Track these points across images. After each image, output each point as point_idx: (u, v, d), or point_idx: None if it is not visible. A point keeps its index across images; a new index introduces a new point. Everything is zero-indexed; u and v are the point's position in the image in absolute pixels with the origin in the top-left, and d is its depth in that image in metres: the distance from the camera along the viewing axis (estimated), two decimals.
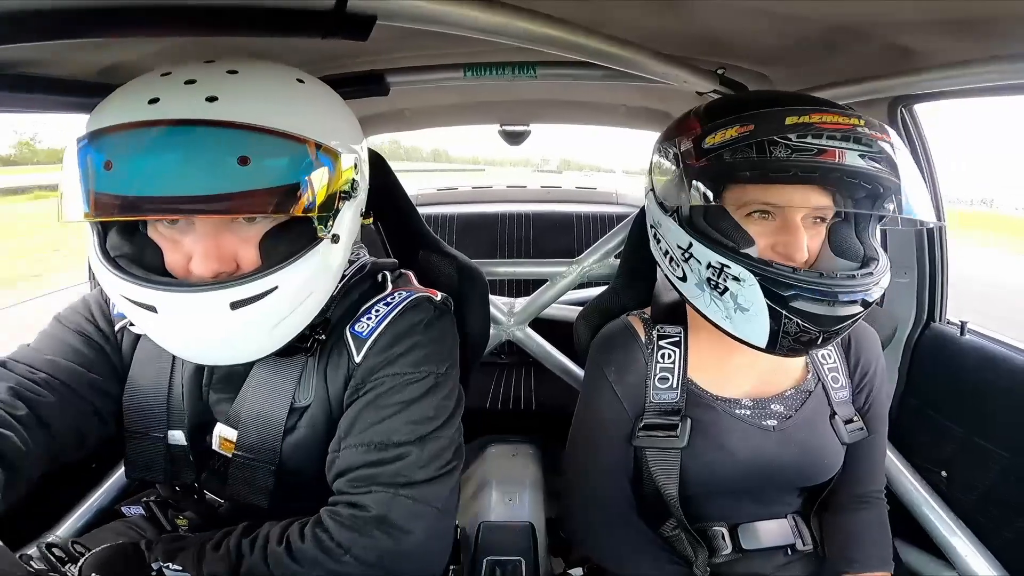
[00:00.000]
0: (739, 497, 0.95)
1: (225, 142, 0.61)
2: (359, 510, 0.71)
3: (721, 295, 0.79)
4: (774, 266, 0.75)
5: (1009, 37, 0.74)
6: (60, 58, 0.86)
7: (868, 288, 0.77)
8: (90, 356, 0.81)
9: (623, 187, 2.78)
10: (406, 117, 2.09)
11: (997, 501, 1.10)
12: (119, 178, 0.60)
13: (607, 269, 1.67)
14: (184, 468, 0.85)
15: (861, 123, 0.73)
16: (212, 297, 0.65)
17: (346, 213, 0.72)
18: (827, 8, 0.84)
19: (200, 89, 0.63)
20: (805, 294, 0.74)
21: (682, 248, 0.82)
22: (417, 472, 0.74)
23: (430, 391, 0.77)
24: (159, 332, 0.70)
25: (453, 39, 0.74)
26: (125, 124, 0.61)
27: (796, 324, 0.76)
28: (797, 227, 0.78)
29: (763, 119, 0.74)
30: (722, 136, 0.75)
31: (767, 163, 0.73)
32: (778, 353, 0.80)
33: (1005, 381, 1.09)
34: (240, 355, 0.74)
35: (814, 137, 0.72)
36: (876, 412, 0.99)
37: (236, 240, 0.69)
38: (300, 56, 1.15)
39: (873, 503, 1.00)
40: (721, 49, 1.12)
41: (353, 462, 0.74)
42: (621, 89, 1.69)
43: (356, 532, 0.70)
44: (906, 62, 0.92)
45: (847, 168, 0.72)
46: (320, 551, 0.69)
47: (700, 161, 0.77)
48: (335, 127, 0.72)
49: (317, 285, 0.73)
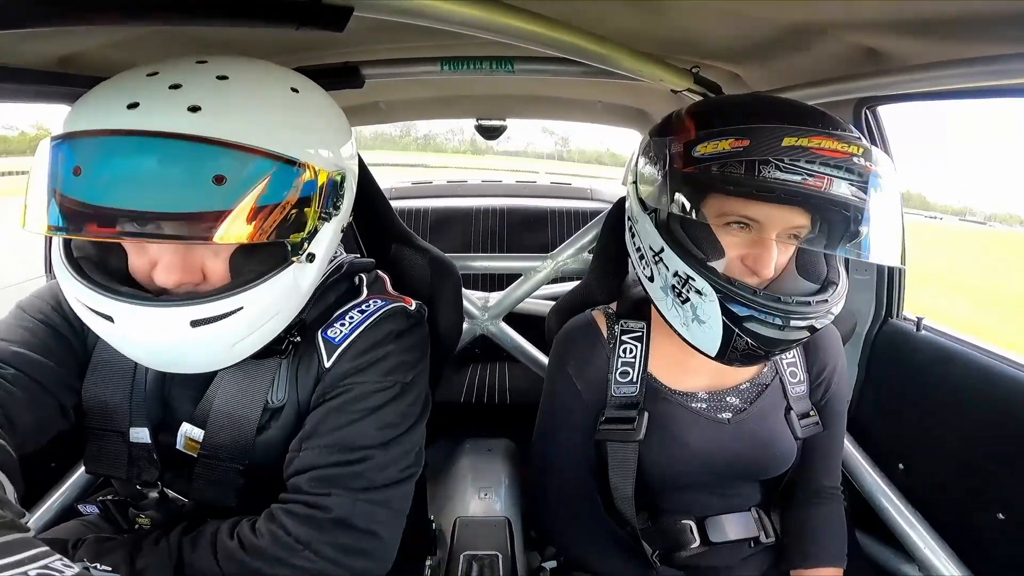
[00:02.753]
0: (700, 490, 0.97)
1: (201, 158, 0.58)
2: (318, 510, 0.71)
3: (683, 304, 0.81)
4: (736, 285, 0.77)
5: (972, 40, 0.76)
6: (16, 47, 0.82)
7: (820, 315, 0.79)
8: (57, 350, 0.78)
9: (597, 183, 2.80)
10: (381, 110, 2.06)
11: (953, 493, 1.13)
12: (87, 185, 0.58)
13: (581, 264, 1.69)
14: (147, 466, 0.82)
15: (859, 151, 0.72)
16: (172, 313, 0.63)
17: (326, 231, 0.70)
18: (794, 9, 0.86)
19: (184, 96, 0.60)
20: (760, 316, 0.77)
21: (654, 251, 0.83)
22: (378, 476, 0.74)
23: (396, 398, 0.77)
24: (114, 340, 0.68)
25: (430, 32, 0.74)
26: (97, 131, 0.58)
27: (746, 342, 0.79)
28: (770, 244, 0.79)
29: (760, 136, 0.72)
30: (714, 147, 0.74)
31: (753, 182, 0.72)
32: (726, 363, 0.83)
33: (959, 375, 1.14)
34: (193, 367, 0.72)
35: (807, 162, 0.70)
36: (833, 408, 1.02)
37: (205, 252, 0.66)
38: (274, 47, 1.12)
39: (829, 498, 1.03)
40: (695, 48, 1.14)
41: (315, 462, 0.73)
42: (598, 85, 1.70)
43: (314, 528, 0.70)
44: (872, 64, 0.95)
45: (831, 197, 0.71)
46: (278, 546, 0.69)
47: (687, 168, 0.77)
48: (326, 141, 0.70)
49: (284, 305, 0.71)
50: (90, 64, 0.93)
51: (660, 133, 0.85)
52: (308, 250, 0.69)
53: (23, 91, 0.89)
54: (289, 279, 0.68)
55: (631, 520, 0.94)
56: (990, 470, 1.06)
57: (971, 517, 1.09)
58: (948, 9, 0.73)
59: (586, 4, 0.88)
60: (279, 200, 0.62)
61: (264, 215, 0.61)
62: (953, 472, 1.14)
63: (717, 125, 0.76)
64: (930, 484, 1.19)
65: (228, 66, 0.65)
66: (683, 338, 0.85)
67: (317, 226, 0.68)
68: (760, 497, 1.02)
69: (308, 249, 0.69)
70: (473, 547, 1.22)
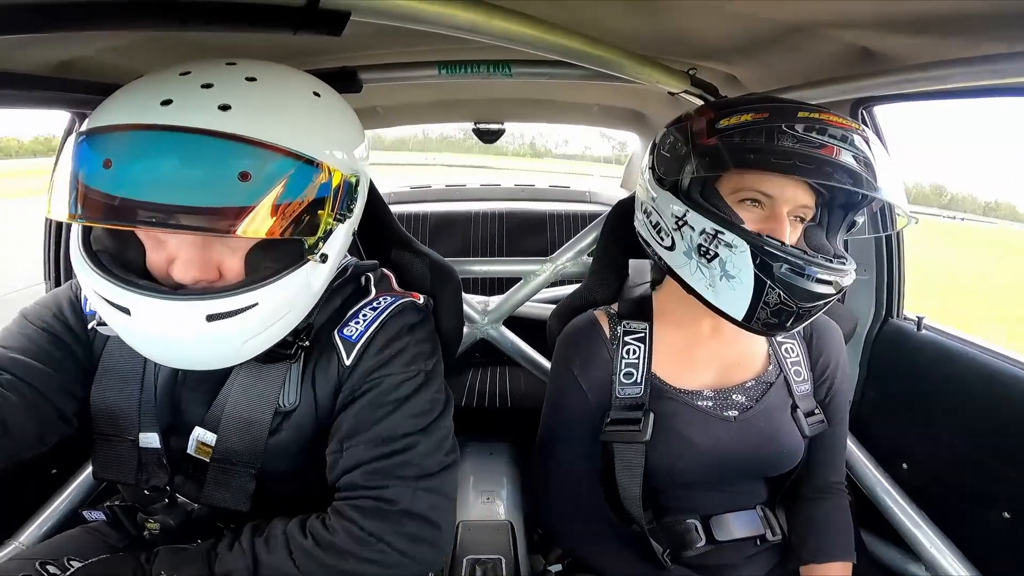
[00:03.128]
0: (706, 488, 0.97)
1: (229, 155, 0.60)
2: (385, 503, 0.73)
3: (709, 262, 0.82)
4: (765, 237, 0.80)
5: (968, 40, 0.77)
6: (15, 53, 0.82)
7: (841, 273, 0.82)
8: (58, 356, 0.79)
9: (596, 186, 2.81)
10: (379, 114, 2.07)
11: (957, 491, 1.13)
12: (115, 178, 0.59)
13: (580, 267, 1.69)
14: (156, 471, 0.83)
15: (860, 128, 0.80)
16: (189, 307, 0.64)
17: (339, 232, 0.72)
18: (790, 9, 0.86)
19: (215, 95, 0.62)
20: (790, 266, 0.79)
21: (677, 217, 0.85)
22: (428, 461, 0.76)
23: (422, 387, 0.79)
24: (129, 333, 0.68)
25: (428, 36, 0.74)
26: (132, 124, 0.60)
27: (778, 295, 0.79)
28: (783, 217, 0.83)
29: (778, 110, 0.81)
30: (737, 119, 0.81)
31: (772, 148, 0.78)
32: (753, 328, 0.83)
33: (960, 374, 1.14)
34: (205, 363, 0.72)
35: (818, 132, 0.77)
36: (837, 405, 1.03)
37: (223, 248, 0.67)
38: (271, 51, 1.12)
39: (834, 494, 1.03)
40: (692, 50, 1.14)
41: (363, 457, 0.75)
42: (595, 88, 1.71)
43: (385, 521, 0.72)
44: (868, 64, 0.95)
45: (840, 164, 0.77)
46: (353, 540, 0.71)
47: (711, 138, 0.82)
48: (342, 144, 0.71)
49: (297, 303, 0.72)
50: (89, 70, 0.93)
51: (679, 121, 0.90)
52: (322, 250, 0.70)
53: (22, 97, 0.89)
54: (303, 278, 0.69)
55: (639, 520, 0.94)
56: (994, 469, 1.05)
57: (976, 516, 1.09)
58: (943, 9, 0.73)
59: (583, 7, 0.89)
60: (298, 199, 0.64)
61: (284, 213, 0.63)
62: (957, 471, 1.14)
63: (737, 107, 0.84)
64: (934, 483, 1.19)
65: (255, 68, 0.67)
66: (708, 303, 0.85)
67: (332, 227, 0.69)
68: (766, 495, 1.02)
69: (322, 249, 0.70)
70: (476, 551, 1.21)
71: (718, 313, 0.85)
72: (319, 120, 0.70)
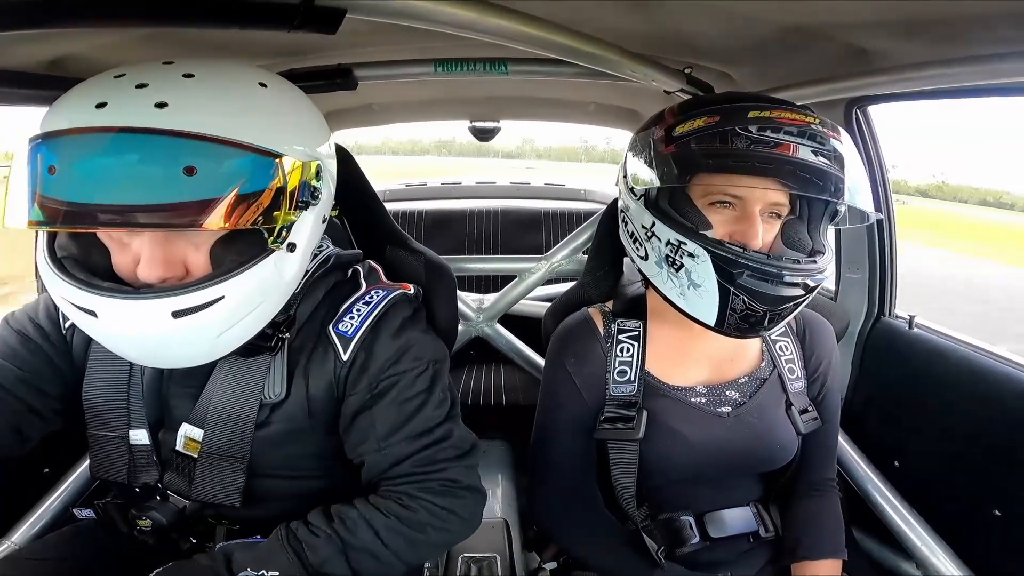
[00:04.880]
0: (700, 485, 0.98)
1: (171, 151, 0.59)
2: (450, 483, 0.81)
3: (677, 271, 0.83)
4: (725, 245, 0.80)
5: (962, 40, 0.77)
6: (5, 49, 0.81)
7: (811, 273, 0.82)
8: (23, 354, 0.79)
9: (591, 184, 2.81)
10: (374, 112, 2.06)
11: (949, 489, 1.14)
12: (62, 183, 0.59)
13: (576, 265, 1.69)
14: (147, 468, 0.83)
15: (816, 121, 0.79)
16: (153, 305, 0.64)
17: (305, 220, 0.71)
18: (786, 9, 0.86)
19: (150, 94, 0.61)
20: (752, 272, 0.79)
21: (645, 228, 0.87)
22: (462, 443, 0.85)
23: (436, 376, 0.84)
24: (99, 335, 0.69)
25: (423, 34, 0.74)
26: (68, 129, 0.60)
27: (743, 301, 0.80)
28: (754, 216, 0.82)
29: (728, 112, 0.80)
30: (690, 125, 0.81)
31: (728, 152, 0.79)
32: (726, 332, 0.84)
33: (951, 372, 1.14)
34: (180, 360, 0.73)
35: (773, 131, 0.77)
36: (829, 402, 1.03)
37: (186, 245, 0.67)
38: (266, 49, 1.12)
39: (826, 491, 1.04)
40: (688, 49, 1.14)
41: (407, 451, 0.81)
42: (591, 87, 1.70)
43: (456, 498, 0.82)
44: (863, 64, 0.95)
45: (799, 162, 0.77)
46: (431, 515, 0.79)
47: (669, 147, 0.82)
48: (296, 133, 0.71)
49: (268, 295, 0.72)
50: (81, 67, 0.93)
51: (644, 128, 0.91)
52: (288, 239, 0.70)
53: (12, 94, 0.89)
54: (270, 268, 0.69)
55: (633, 517, 0.95)
56: (985, 466, 1.06)
57: (967, 514, 1.10)
58: (938, 9, 0.74)
59: (579, 5, 0.89)
60: (251, 189, 0.63)
61: (237, 203, 0.62)
62: (948, 469, 1.14)
63: (693, 110, 0.84)
64: (926, 481, 1.20)
65: (194, 66, 0.66)
66: (681, 310, 0.86)
67: (294, 216, 0.69)
68: (760, 492, 1.02)
69: (288, 238, 0.69)
70: (471, 549, 1.22)
71: (691, 319, 0.86)
72: (266, 109, 0.69)
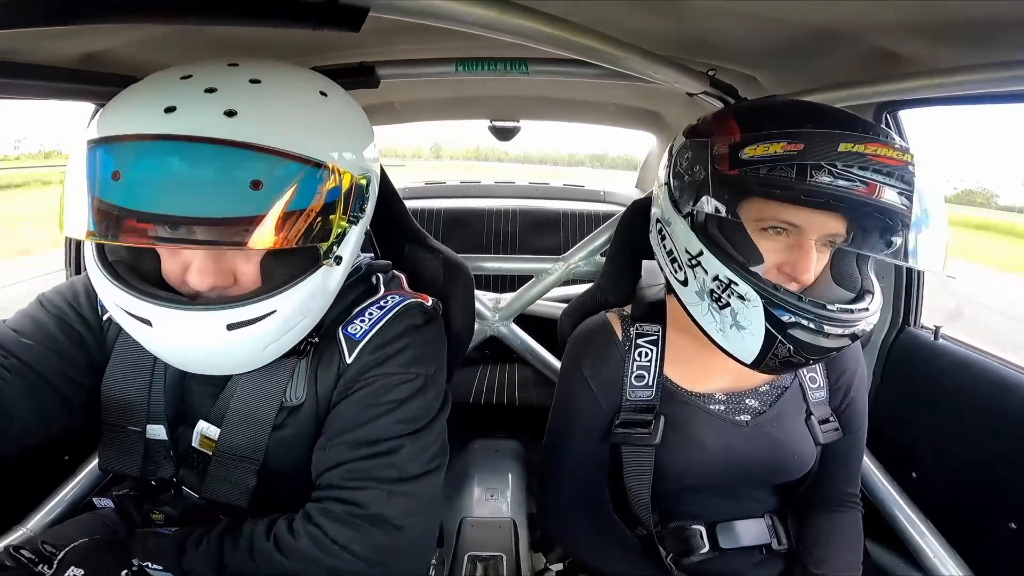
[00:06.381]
0: (715, 494, 0.97)
1: (239, 163, 0.59)
2: (355, 507, 0.71)
3: (721, 309, 0.79)
4: (782, 292, 0.75)
5: (994, 44, 0.75)
6: (39, 45, 0.83)
7: (860, 323, 0.77)
8: (66, 345, 0.79)
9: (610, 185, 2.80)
10: (396, 110, 2.07)
11: (966, 503, 1.12)
12: (127, 190, 0.58)
13: (593, 267, 1.68)
14: (162, 463, 0.83)
15: (911, 159, 0.71)
16: (209, 317, 0.64)
17: (353, 233, 0.71)
18: (813, 12, 0.85)
19: (219, 100, 0.60)
20: (804, 323, 0.74)
21: (691, 254, 0.81)
22: (408, 466, 0.74)
23: (418, 392, 0.78)
24: (151, 343, 0.69)
25: (445, 33, 0.74)
26: (138, 135, 0.59)
27: (788, 349, 0.76)
28: (810, 249, 0.77)
29: (816, 140, 0.70)
30: (764, 149, 0.72)
31: (804, 186, 0.70)
32: (761, 371, 0.81)
33: (975, 385, 1.12)
34: (226, 368, 0.74)
35: (860, 168, 0.69)
36: (852, 413, 1.01)
37: (237, 255, 0.67)
38: (290, 47, 1.13)
39: (846, 506, 1.01)
40: (712, 51, 1.13)
41: (343, 457, 0.74)
42: (611, 88, 1.69)
43: (352, 529, 0.70)
44: (893, 68, 0.93)
45: (882, 204, 0.69)
46: (316, 548, 0.69)
47: (732, 170, 0.75)
48: (351, 144, 0.70)
49: (314, 306, 0.72)
50: (111, 62, 0.95)
51: (698, 134, 0.83)
52: (336, 253, 0.70)
53: (45, 88, 0.91)
54: (318, 281, 0.69)
55: (646, 523, 0.94)
56: (1004, 480, 1.04)
57: (983, 527, 1.08)
58: (969, 12, 0.72)
59: (602, 5, 0.88)
60: (311, 204, 0.63)
61: (297, 220, 0.62)
62: (966, 481, 1.12)
63: (767, 127, 0.74)
64: (942, 493, 1.17)
65: (259, 70, 0.66)
66: (718, 345, 0.82)
67: (345, 229, 0.69)
68: (775, 503, 1.01)
69: (337, 252, 0.70)
70: (477, 548, 1.22)
71: (727, 354, 0.82)
72: (327, 121, 0.69)
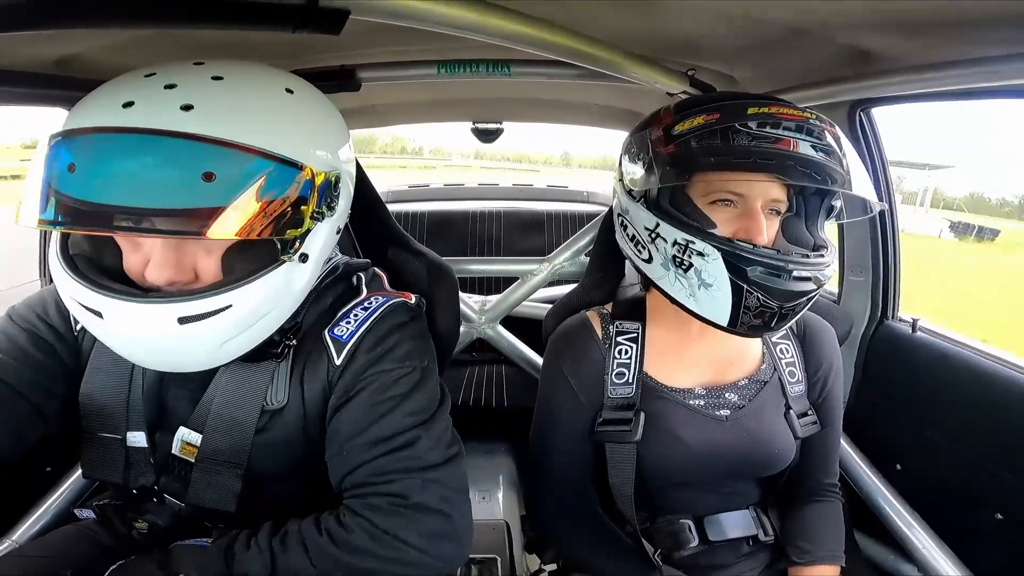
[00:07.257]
0: (698, 488, 0.98)
1: (192, 155, 0.59)
2: (397, 498, 0.71)
3: (686, 272, 0.82)
4: (735, 242, 0.79)
5: (965, 42, 0.77)
6: (13, 49, 0.82)
7: (820, 267, 0.81)
8: (37, 356, 0.78)
9: (594, 186, 2.81)
10: (377, 113, 2.06)
11: (951, 493, 1.14)
12: (81, 182, 0.58)
13: (577, 267, 1.69)
14: (144, 471, 0.82)
15: (813, 116, 0.80)
16: (159, 310, 0.63)
17: (320, 231, 0.71)
18: (789, 11, 0.86)
19: (177, 95, 0.60)
20: (764, 268, 0.78)
21: (649, 229, 0.85)
22: (430, 455, 0.75)
23: (419, 383, 0.78)
24: (104, 336, 0.68)
25: (427, 35, 0.74)
26: (93, 128, 0.59)
27: (756, 297, 0.79)
28: (757, 212, 0.82)
29: (727, 109, 0.80)
30: (690, 123, 0.81)
31: (730, 149, 0.78)
32: (739, 331, 0.83)
33: (954, 376, 1.14)
34: (182, 365, 0.72)
35: (772, 127, 0.77)
36: (829, 406, 1.03)
37: (197, 250, 0.67)
38: (269, 49, 1.12)
39: (826, 496, 1.03)
40: (690, 51, 1.14)
41: (363, 458, 0.74)
42: (593, 89, 1.70)
43: (402, 518, 0.71)
44: (865, 65, 0.95)
45: (801, 157, 0.77)
46: (371, 540, 0.69)
47: (668, 146, 0.82)
48: (318, 141, 0.70)
49: (277, 304, 0.71)
50: (88, 67, 0.93)
51: (640, 129, 0.90)
52: (301, 250, 0.69)
53: (20, 94, 0.89)
54: (281, 278, 0.68)
55: (631, 520, 0.94)
56: (988, 470, 1.06)
57: (969, 517, 1.10)
58: (941, 11, 0.74)
59: (582, 6, 0.89)
60: (270, 198, 0.62)
61: (254, 213, 0.61)
62: (950, 472, 1.14)
63: (692, 109, 0.83)
64: (928, 484, 1.19)
65: (224, 68, 0.65)
66: (691, 311, 0.85)
67: (310, 226, 0.68)
68: (758, 495, 1.02)
69: (301, 249, 0.69)
70: (472, 550, 1.21)
71: (703, 320, 0.85)
72: (290, 117, 0.68)
